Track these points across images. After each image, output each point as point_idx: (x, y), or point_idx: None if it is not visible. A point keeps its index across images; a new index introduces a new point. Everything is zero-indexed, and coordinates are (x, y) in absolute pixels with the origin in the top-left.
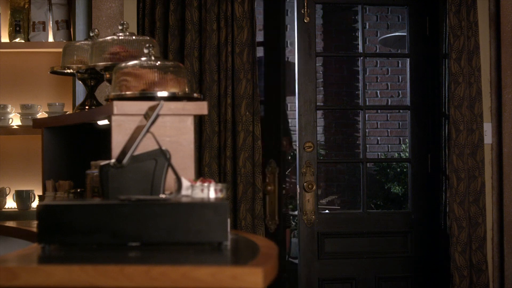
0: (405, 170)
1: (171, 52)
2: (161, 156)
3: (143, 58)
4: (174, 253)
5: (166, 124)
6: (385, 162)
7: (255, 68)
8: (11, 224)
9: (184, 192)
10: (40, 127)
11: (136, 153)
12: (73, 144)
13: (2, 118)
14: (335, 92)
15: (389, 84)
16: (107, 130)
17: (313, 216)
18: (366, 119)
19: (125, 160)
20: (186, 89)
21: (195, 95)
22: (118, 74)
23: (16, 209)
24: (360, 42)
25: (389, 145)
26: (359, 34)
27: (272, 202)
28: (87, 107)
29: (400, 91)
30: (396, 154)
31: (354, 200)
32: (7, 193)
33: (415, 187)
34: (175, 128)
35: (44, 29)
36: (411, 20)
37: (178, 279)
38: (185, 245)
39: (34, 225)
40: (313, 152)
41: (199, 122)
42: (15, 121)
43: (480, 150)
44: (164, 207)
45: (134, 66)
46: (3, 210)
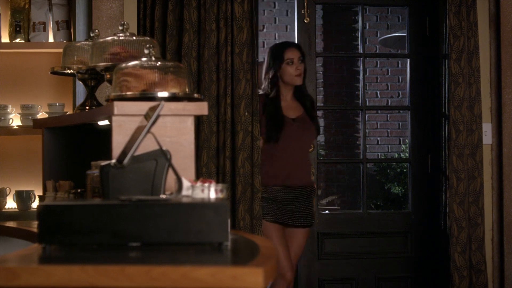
0: (405, 170)
1: (169, 52)
2: (162, 157)
3: (144, 59)
4: (174, 253)
5: (166, 125)
6: (385, 163)
7: (255, 68)
8: (11, 224)
9: (184, 192)
10: (41, 127)
11: (137, 153)
12: (73, 144)
13: (3, 118)
14: (335, 93)
15: (389, 85)
16: (108, 130)
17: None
18: (366, 119)
19: (125, 161)
20: (187, 90)
21: (196, 95)
22: (119, 74)
23: (16, 210)
24: (360, 42)
25: (389, 146)
26: (359, 34)
27: None
28: (87, 107)
29: (400, 92)
30: (396, 155)
31: (354, 200)
32: (8, 193)
33: (415, 187)
34: (175, 129)
35: (45, 29)
36: (411, 20)
37: (178, 279)
38: (186, 245)
39: (34, 226)
40: (313, 152)
41: (197, 122)
42: (15, 121)
43: (480, 150)
44: (165, 207)
45: (134, 66)
46: (3, 210)
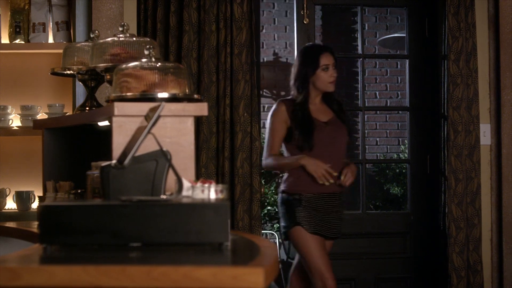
0: (404, 171)
1: (171, 54)
2: (162, 157)
3: (144, 60)
4: (175, 253)
5: (166, 125)
6: (384, 163)
7: (254, 69)
8: (11, 225)
9: (184, 193)
10: (41, 128)
11: (137, 154)
12: (73, 145)
13: (2, 119)
14: (334, 93)
15: (388, 85)
16: (107, 131)
17: None
18: (365, 120)
19: (126, 161)
20: (187, 91)
21: (195, 96)
22: (119, 75)
23: (16, 210)
24: (359, 43)
25: (388, 146)
26: (358, 35)
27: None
28: (87, 108)
29: (399, 92)
30: (395, 155)
31: (353, 200)
32: (7, 194)
33: (414, 188)
34: (175, 129)
35: (44, 30)
36: (411, 21)
37: (179, 279)
38: (186, 245)
39: (34, 226)
40: None
41: (197, 123)
42: (15, 122)
43: (477, 151)
44: (165, 207)
45: (134, 67)
46: (3, 211)
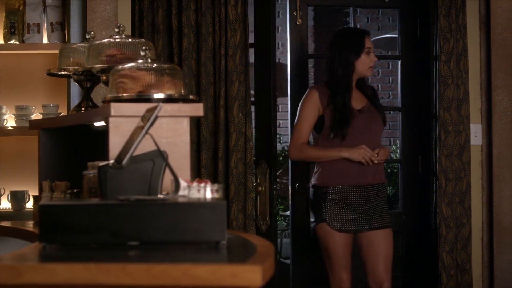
0: (395, 171)
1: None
2: (159, 157)
3: (140, 61)
4: (172, 252)
5: (162, 126)
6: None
7: (248, 70)
8: (6, 224)
9: (181, 192)
10: (37, 128)
11: (134, 154)
12: (69, 145)
13: None
14: None
15: (380, 86)
16: (103, 131)
17: (304, 216)
18: None
19: (124, 161)
20: (182, 91)
21: (191, 97)
22: (115, 76)
23: (11, 210)
24: None
25: None
26: None
27: (263, 203)
28: (83, 108)
29: (390, 93)
30: None
31: None
32: (2, 193)
33: (406, 187)
34: (171, 130)
35: (39, 31)
36: (403, 22)
37: (178, 276)
38: (183, 244)
39: (29, 225)
40: None
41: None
42: (9, 122)
43: (467, 151)
44: (163, 207)
45: (131, 68)
46: None
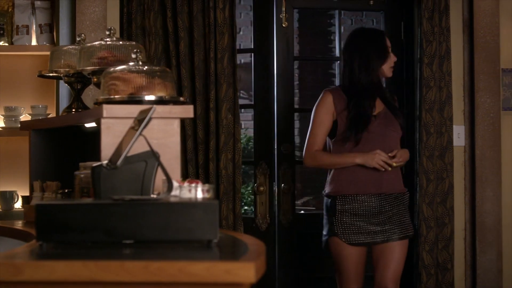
0: None
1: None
2: (151, 158)
3: (131, 63)
4: (166, 250)
5: (153, 127)
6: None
7: (235, 73)
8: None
9: (172, 192)
10: (28, 129)
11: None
12: (59, 146)
13: None
14: (310, 95)
15: None
16: (93, 132)
17: (290, 217)
18: None
19: (119, 162)
20: (173, 93)
21: (181, 98)
22: (107, 78)
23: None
24: (337, 46)
25: None
26: (336, 39)
27: (263, 202)
28: (73, 110)
29: None
30: None
31: None
32: None
33: None
34: (162, 131)
35: (28, 32)
36: (387, 25)
37: (175, 273)
38: (177, 242)
39: (18, 225)
40: (290, 154)
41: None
42: None
43: (449, 152)
44: (157, 206)
45: (122, 70)
46: None
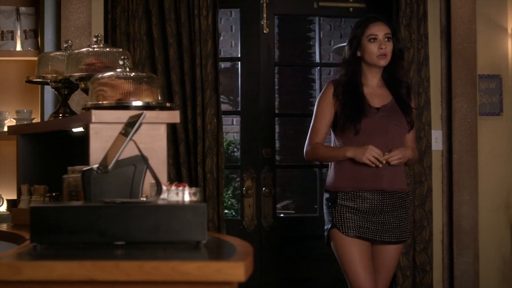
0: None
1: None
2: (140, 162)
3: (119, 70)
4: (157, 251)
5: (141, 132)
6: None
7: (218, 78)
8: None
9: (161, 195)
10: (16, 133)
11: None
12: (45, 150)
13: None
14: (289, 99)
15: None
16: (80, 137)
17: (271, 220)
18: None
19: (110, 166)
20: (159, 99)
21: (168, 104)
22: (95, 84)
23: None
24: (317, 52)
25: None
26: (316, 45)
27: (250, 205)
28: (60, 114)
29: None
30: None
31: (307, 204)
32: None
33: None
34: (149, 136)
35: (13, 38)
36: None
37: (168, 272)
38: (166, 244)
39: (4, 227)
40: (271, 158)
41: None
42: None
43: (428, 156)
44: (147, 209)
45: (110, 77)
46: None
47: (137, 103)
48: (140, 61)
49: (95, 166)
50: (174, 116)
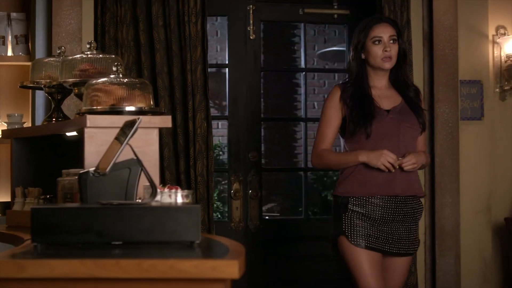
0: None
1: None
2: (135, 165)
3: (112, 76)
4: (153, 250)
5: (134, 136)
6: (322, 171)
7: (207, 84)
8: None
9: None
10: (10, 137)
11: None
12: (38, 153)
13: None
14: (274, 104)
15: (325, 96)
16: (73, 141)
17: (257, 222)
18: (307, 130)
19: (108, 169)
20: (152, 104)
21: (159, 109)
22: (90, 90)
23: None
24: (302, 58)
25: None
26: (302, 50)
27: (237, 208)
28: (54, 119)
29: None
30: None
31: (292, 207)
32: None
33: None
34: (142, 140)
35: (4, 43)
36: (350, 37)
37: (166, 270)
38: (162, 243)
39: None
40: (257, 161)
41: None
42: None
43: None
44: (144, 210)
45: (104, 82)
46: None
47: (130, 108)
48: (128, 66)
49: (91, 169)
50: (166, 121)
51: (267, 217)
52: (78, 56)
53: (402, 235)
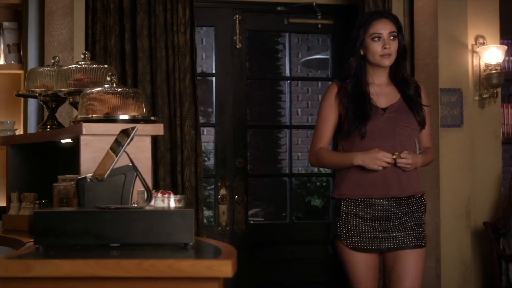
0: (324, 184)
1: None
2: (130, 172)
3: (106, 85)
4: (149, 252)
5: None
6: (307, 177)
7: (196, 91)
8: None
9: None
10: (6, 144)
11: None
12: (33, 160)
13: None
14: (258, 110)
15: (309, 103)
16: (67, 147)
17: (243, 226)
18: (291, 136)
19: (106, 175)
20: (144, 112)
21: (152, 118)
22: (85, 99)
23: None
24: (287, 66)
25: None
26: (286, 59)
27: (224, 212)
28: (48, 126)
29: None
30: (316, 169)
31: (276, 212)
32: None
33: None
34: (135, 147)
35: None
36: (334, 46)
37: (165, 269)
38: (157, 245)
39: None
40: (243, 167)
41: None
42: None
43: None
44: (140, 214)
45: (99, 92)
46: None
47: (124, 116)
48: (121, 75)
49: (88, 175)
50: (158, 129)
51: (251, 222)
52: (73, 66)
53: (408, 228)
